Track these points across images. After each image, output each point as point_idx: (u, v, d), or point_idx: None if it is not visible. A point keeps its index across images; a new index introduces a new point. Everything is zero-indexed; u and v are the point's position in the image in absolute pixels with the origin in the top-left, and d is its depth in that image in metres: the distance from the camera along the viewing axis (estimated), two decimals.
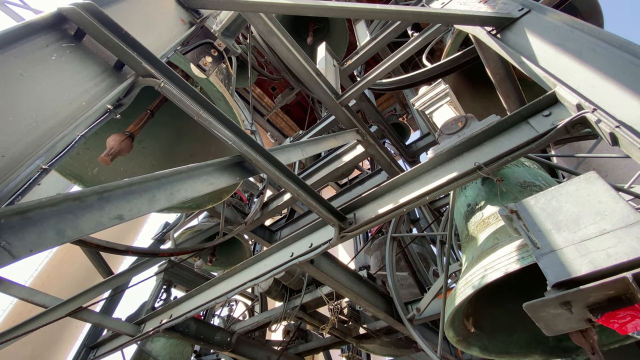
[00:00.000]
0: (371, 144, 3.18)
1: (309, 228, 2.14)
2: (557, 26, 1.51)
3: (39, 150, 0.86)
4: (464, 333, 1.69)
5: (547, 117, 1.38)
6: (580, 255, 0.84)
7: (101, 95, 1.09)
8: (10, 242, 0.74)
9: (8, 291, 2.77)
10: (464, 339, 1.69)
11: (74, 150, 1.01)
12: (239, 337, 4.14)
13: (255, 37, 5.60)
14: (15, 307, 10.62)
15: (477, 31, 1.85)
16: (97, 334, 3.90)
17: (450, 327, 1.62)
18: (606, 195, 0.90)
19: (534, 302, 0.87)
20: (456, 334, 1.66)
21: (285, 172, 1.69)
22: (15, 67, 0.94)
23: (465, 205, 2.01)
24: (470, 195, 2.01)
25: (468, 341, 1.70)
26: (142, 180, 1.12)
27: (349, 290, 2.85)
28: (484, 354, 1.72)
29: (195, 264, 4.21)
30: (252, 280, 2.30)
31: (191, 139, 3.04)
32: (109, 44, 1.13)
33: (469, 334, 1.70)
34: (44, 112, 0.92)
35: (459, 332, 1.67)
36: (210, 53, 1.86)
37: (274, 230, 4.71)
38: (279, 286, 4.44)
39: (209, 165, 1.40)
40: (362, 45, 3.24)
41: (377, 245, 5.43)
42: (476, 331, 1.71)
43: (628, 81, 1.19)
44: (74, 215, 0.87)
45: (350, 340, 4.33)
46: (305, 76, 2.62)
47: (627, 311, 0.78)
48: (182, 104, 1.30)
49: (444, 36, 3.65)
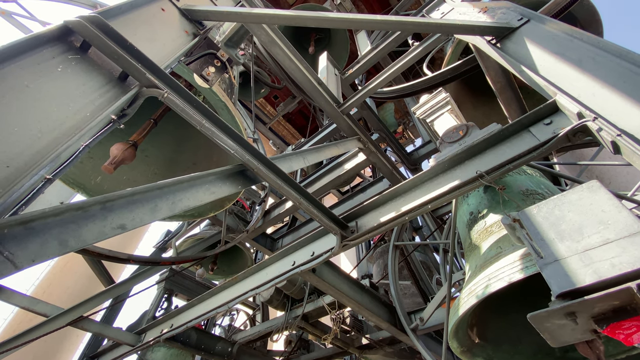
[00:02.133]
0: (373, 152, 3.19)
1: (310, 236, 2.13)
2: (557, 35, 1.52)
3: (43, 160, 0.87)
4: (469, 343, 1.66)
5: (548, 125, 1.38)
6: (584, 265, 0.83)
7: (105, 105, 1.10)
8: (13, 252, 0.74)
9: (9, 300, 2.76)
10: (469, 350, 1.66)
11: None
12: (240, 347, 4.10)
13: (258, 47, 5.67)
14: (16, 316, 10.58)
15: (477, 41, 1.87)
16: (98, 343, 3.87)
17: (454, 337, 1.59)
18: (609, 204, 0.89)
19: (539, 312, 0.86)
20: (460, 344, 1.63)
21: (286, 180, 1.69)
22: (21, 78, 0.95)
23: (467, 214, 2.00)
24: (473, 204, 2.00)
25: (472, 352, 1.67)
26: (144, 190, 1.13)
27: (351, 300, 2.82)
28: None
29: (196, 272, 4.19)
30: (254, 289, 2.29)
31: (194, 147, 3.06)
32: (114, 55, 1.15)
33: (474, 344, 1.67)
34: (48, 123, 0.93)
35: (464, 342, 1.64)
36: (213, 63, 1.88)
37: (276, 238, 4.69)
38: (281, 295, 4.40)
39: (210, 174, 1.41)
40: (363, 55, 3.28)
41: (380, 254, 5.39)
42: (481, 342, 1.68)
43: (628, 90, 1.19)
44: (76, 225, 0.88)
45: (353, 351, 4.27)
46: (307, 85, 2.65)
47: (632, 322, 0.77)
48: (185, 113, 1.31)
49: (444, 45, 3.68)
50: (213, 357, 3.86)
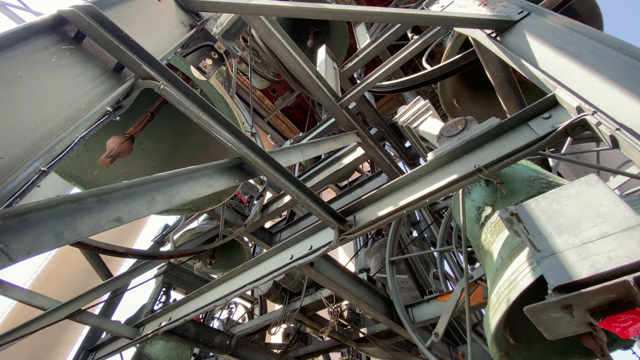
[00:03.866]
0: (371, 147, 3.18)
1: (308, 230, 2.13)
2: (557, 29, 1.51)
3: (37, 152, 0.86)
4: (506, 347, 1.54)
5: (547, 119, 1.38)
6: (581, 258, 0.83)
7: (101, 97, 1.09)
8: (8, 244, 0.73)
9: (7, 293, 2.75)
10: (506, 354, 1.54)
11: (74, 152, 1.01)
12: (239, 340, 4.12)
13: (256, 40, 5.61)
14: (14, 309, 10.59)
15: (477, 34, 1.85)
16: (96, 336, 3.88)
17: (494, 342, 1.47)
18: (607, 198, 0.89)
19: (535, 305, 0.86)
20: (499, 349, 1.51)
21: (284, 174, 1.69)
22: (14, 69, 0.94)
23: (474, 209, 1.93)
24: (478, 199, 1.94)
25: (510, 355, 1.55)
26: (140, 183, 1.12)
27: (349, 293, 2.84)
28: None
29: (194, 266, 4.19)
30: (252, 282, 2.29)
31: (191, 141, 3.04)
32: (108, 46, 1.13)
33: (510, 347, 1.55)
34: (43, 114, 0.92)
35: (502, 347, 1.52)
36: (211, 55, 1.86)
37: (274, 232, 4.70)
38: (279, 289, 4.42)
39: (208, 167, 1.40)
40: (362, 48, 3.25)
41: (377, 248, 5.41)
42: (515, 343, 1.55)
43: (628, 83, 1.18)
44: (72, 217, 0.87)
45: (350, 344, 4.31)
46: (306, 79, 2.62)
47: (628, 315, 0.78)
48: (182, 106, 1.29)
49: (443, 39, 3.66)
50: (211, 349, 3.88)
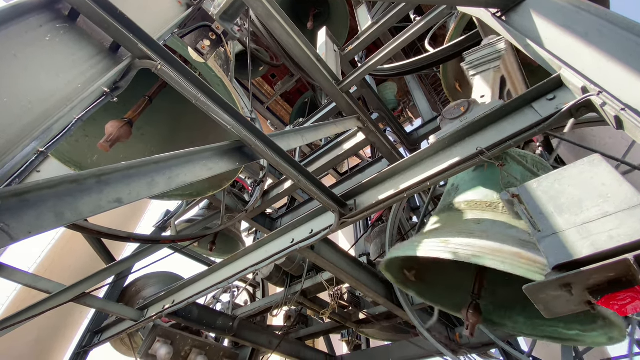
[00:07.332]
0: (372, 132, 3.15)
1: (309, 214, 2.14)
2: (563, 7, 1.47)
3: (34, 132, 0.85)
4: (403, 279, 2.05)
5: (552, 100, 1.36)
6: (581, 237, 0.83)
7: (97, 77, 1.07)
8: (9, 223, 0.73)
9: (11, 277, 2.80)
10: (403, 284, 2.06)
11: (73, 137, 1.00)
12: (241, 322, 4.20)
13: (254, 22, 5.49)
14: (19, 293, 10.76)
15: (482, 14, 1.80)
16: (102, 319, 3.96)
17: (386, 271, 1.96)
18: (609, 178, 0.88)
19: (534, 284, 0.87)
20: (395, 279, 2.02)
21: (285, 157, 1.68)
22: (8, 47, 0.92)
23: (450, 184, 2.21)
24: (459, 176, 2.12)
25: (406, 285, 2.07)
26: (140, 164, 1.11)
27: (349, 276, 2.87)
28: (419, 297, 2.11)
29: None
30: (253, 266, 2.32)
31: (190, 126, 3.01)
32: (104, 24, 1.10)
33: (408, 281, 2.05)
34: (38, 94, 0.90)
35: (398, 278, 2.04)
36: (208, 36, 1.82)
37: (275, 218, 4.72)
38: (280, 272, 4.48)
39: (207, 149, 1.39)
40: (364, 30, 3.18)
41: (377, 234, 5.45)
42: (417, 281, 2.05)
43: (635, 63, 1.16)
44: (72, 197, 0.87)
45: (350, 325, 4.40)
46: (306, 62, 2.58)
47: (627, 293, 0.78)
48: (180, 86, 1.27)
49: (447, 20, 3.57)
50: (214, 331, 3.96)
